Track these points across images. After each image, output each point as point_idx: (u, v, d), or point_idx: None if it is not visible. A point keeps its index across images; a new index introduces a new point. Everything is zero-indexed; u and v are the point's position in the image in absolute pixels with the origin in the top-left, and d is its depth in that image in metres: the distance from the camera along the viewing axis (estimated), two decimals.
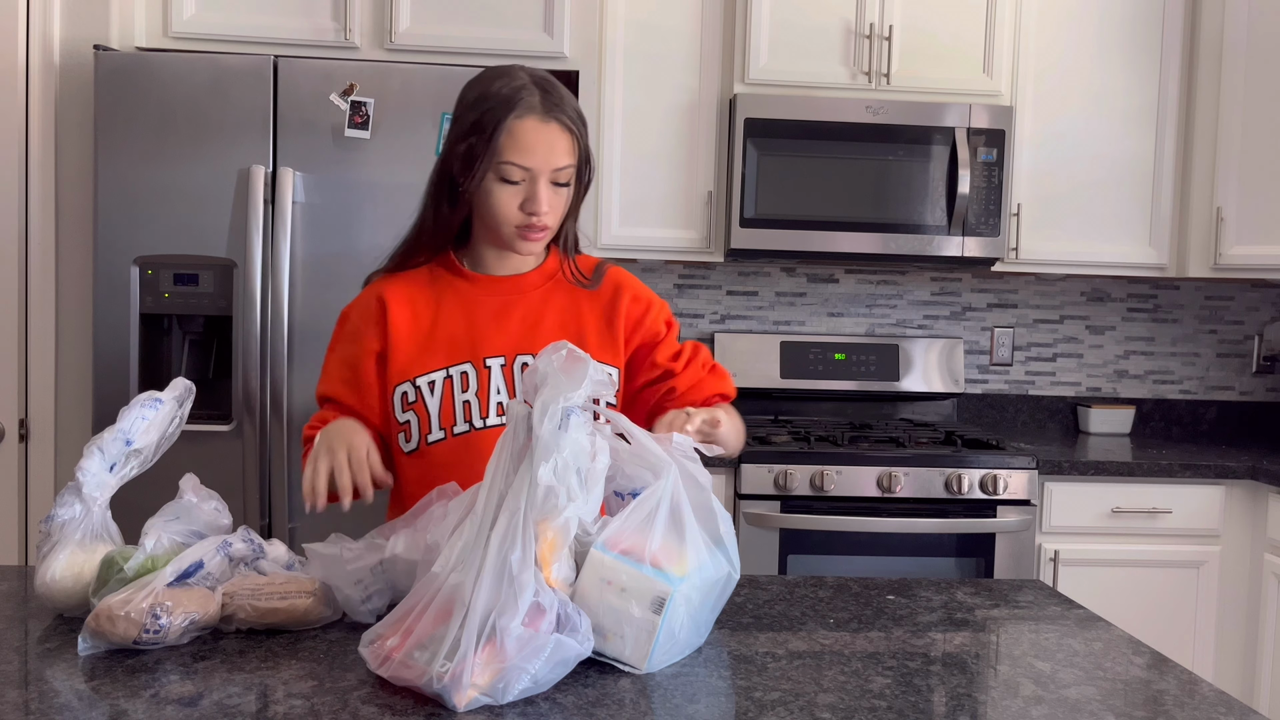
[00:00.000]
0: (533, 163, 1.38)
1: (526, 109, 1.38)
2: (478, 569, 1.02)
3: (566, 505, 1.07)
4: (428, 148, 2.49)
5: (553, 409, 1.07)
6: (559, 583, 1.10)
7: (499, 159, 1.38)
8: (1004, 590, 1.50)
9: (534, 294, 1.51)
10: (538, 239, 1.44)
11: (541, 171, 1.39)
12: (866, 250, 2.93)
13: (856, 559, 2.67)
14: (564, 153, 1.40)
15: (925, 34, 2.95)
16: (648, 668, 1.11)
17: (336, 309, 2.47)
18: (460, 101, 1.46)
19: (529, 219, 1.40)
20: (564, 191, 1.43)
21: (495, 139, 1.37)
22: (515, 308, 1.49)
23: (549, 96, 1.40)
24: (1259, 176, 2.95)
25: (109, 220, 2.46)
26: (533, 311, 1.49)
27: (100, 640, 1.12)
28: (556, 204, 1.43)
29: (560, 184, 1.42)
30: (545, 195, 1.40)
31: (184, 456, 1.61)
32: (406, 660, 1.02)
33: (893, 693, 1.09)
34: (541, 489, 1.05)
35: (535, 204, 1.39)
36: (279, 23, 2.71)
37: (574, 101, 1.44)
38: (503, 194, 1.40)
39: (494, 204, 1.41)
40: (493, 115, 1.38)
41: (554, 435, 1.07)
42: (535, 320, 1.49)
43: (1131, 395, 3.46)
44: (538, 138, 1.38)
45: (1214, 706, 1.07)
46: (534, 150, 1.38)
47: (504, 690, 1.01)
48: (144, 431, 1.28)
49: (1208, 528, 2.78)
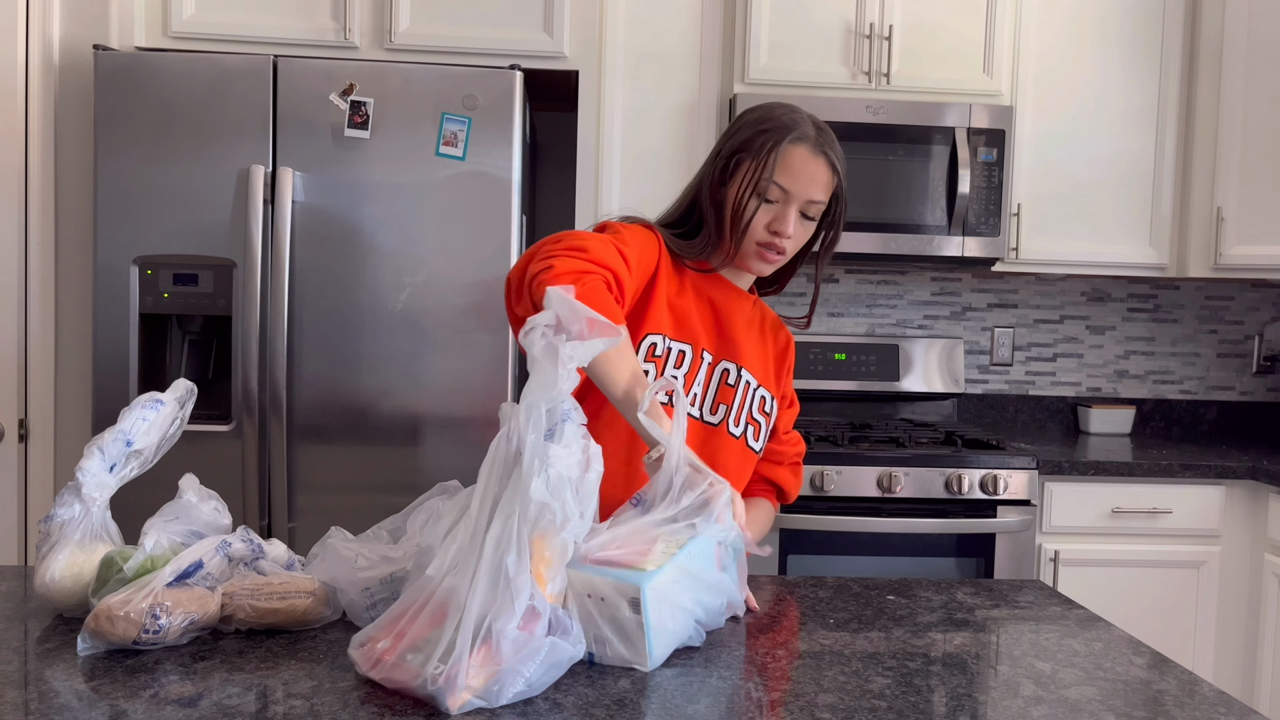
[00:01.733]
0: (794, 187, 1.46)
1: (801, 137, 1.47)
2: (473, 571, 1.02)
3: (564, 524, 1.06)
4: (428, 148, 2.49)
5: (536, 414, 1.06)
6: (555, 597, 1.09)
7: (767, 176, 1.46)
8: (1004, 590, 1.50)
9: (745, 316, 1.60)
10: (773, 260, 1.51)
11: (798, 198, 1.47)
12: (866, 250, 2.93)
13: (856, 559, 2.67)
14: (823, 187, 1.48)
15: (925, 34, 2.95)
16: (651, 663, 1.12)
17: (336, 309, 2.49)
18: (739, 119, 1.53)
19: (772, 238, 1.48)
20: (809, 226, 1.51)
21: (768, 157, 1.46)
22: (737, 317, 1.57)
23: (823, 134, 1.49)
24: (1259, 176, 2.95)
25: (109, 220, 2.46)
26: (744, 328, 1.58)
27: (100, 640, 1.12)
28: (800, 234, 1.51)
29: (809, 217, 1.50)
30: (794, 221, 1.47)
31: (184, 456, 1.62)
32: (399, 662, 1.02)
33: (893, 693, 1.09)
34: (534, 506, 1.04)
35: (784, 225, 1.47)
36: (279, 23, 2.71)
37: (840, 151, 1.51)
38: (758, 210, 1.48)
39: (745, 218, 1.48)
40: (770, 136, 1.47)
41: (542, 446, 1.05)
42: (745, 337, 1.57)
43: (1132, 395, 3.46)
44: (804, 166, 1.46)
45: (1214, 706, 1.07)
46: (798, 176, 1.46)
47: (498, 693, 1.00)
48: (145, 432, 1.28)
49: (1208, 528, 2.78)
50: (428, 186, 2.50)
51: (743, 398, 1.54)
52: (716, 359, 1.54)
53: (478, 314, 2.51)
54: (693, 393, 1.51)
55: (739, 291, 1.59)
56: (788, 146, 1.46)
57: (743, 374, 1.55)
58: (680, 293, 1.53)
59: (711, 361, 1.53)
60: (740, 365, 1.55)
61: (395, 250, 2.50)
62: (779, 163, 1.46)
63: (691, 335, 1.52)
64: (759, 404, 1.56)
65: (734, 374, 1.54)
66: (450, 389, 2.50)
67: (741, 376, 1.54)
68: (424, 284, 2.51)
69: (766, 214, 1.48)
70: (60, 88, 2.61)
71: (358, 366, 2.50)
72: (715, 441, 1.52)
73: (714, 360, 1.53)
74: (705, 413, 1.52)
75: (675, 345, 1.50)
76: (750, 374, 1.56)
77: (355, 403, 2.50)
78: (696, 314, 1.54)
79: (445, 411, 2.50)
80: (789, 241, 1.49)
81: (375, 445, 2.51)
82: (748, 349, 1.56)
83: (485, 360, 2.50)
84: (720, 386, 1.53)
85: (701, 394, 1.52)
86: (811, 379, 3.21)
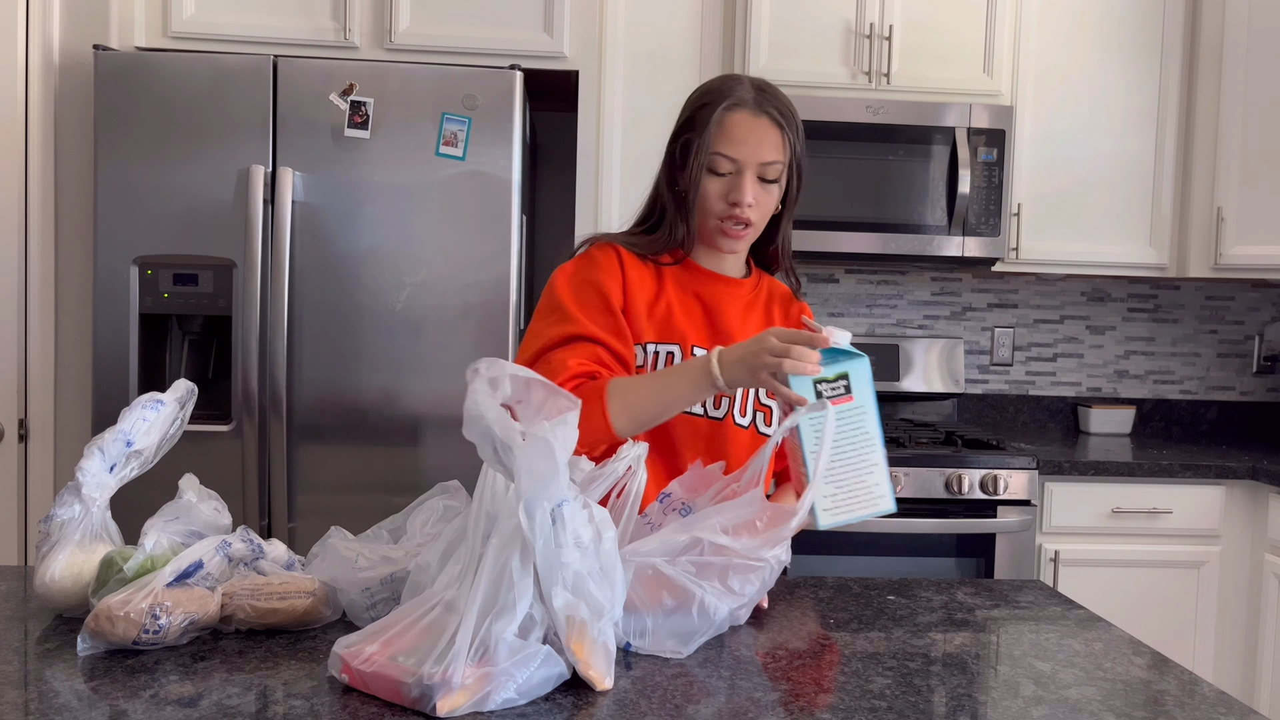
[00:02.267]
0: (740, 154, 1.43)
1: (738, 102, 1.44)
2: (474, 575, 1.02)
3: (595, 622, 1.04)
4: (428, 147, 2.49)
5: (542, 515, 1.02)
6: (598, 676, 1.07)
7: (710, 150, 1.43)
8: (1004, 590, 1.49)
9: (742, 300, 1.56)
10: (739, 235, 1.48)
11: (748, 164, 1.44)
12: (866, 250, 2.93)
13: (856, 559, 2.67)
14: (772, 147, 1.44)
15: (925, 34, 2.95)
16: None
17: (336, 309, 2.49)
18: (685, 103, 1.52)
19: (731, 209, 1.45)
20: (772, 189, 1.46)
21: (707, 130, 1.43)
22: (727, 307, 1.54)
23: (763, 93, 1.45)
24: (1259, 176, 2.94)
25: (109, 220, 2.46)
26: (739, 315, 1.54)
27: (100, 640, 1.12)
28: (763, 200, 1.46)
29: (768, 180, 1.45)
30: (750, 188, 1.44)
31: (184, 456, 1.62)
32: (389, 662, 1.01)
33: (893, 693, 1.09)
34: (561, 618, 1.03)
35: (740, 193, 1.44)
36: (279, 23, 2.71)
37: (789, 104, 1.47)
38: (710, 185, 1.46)
39: (702, 195, 1.46)
40: (708, 109, 1.45)
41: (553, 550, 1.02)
42: (740, 323, 1.54)
43: (1132, 395, 3.46)
44: (747, 130, 1.43)
45: (1214, 706, 1.07)
46: (742, 142, 1.43)
47: (486, 698, 0.99)
48: (145, 433, 1.27)
49: (1208, 528, 2.78)
50: (428, 186, 2.50)
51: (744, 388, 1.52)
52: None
53: (478, 314, 2.51)
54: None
55: (728, 280, 1.56)
56: (725, 115, 1.43)
57: None
58: (659, 296, 1.52)
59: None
60: None
61: (395, 250, 2.50)
62: (720, 132, 1.43)
63: (679, 334, 1.50)
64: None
65: None
66: (450, 389, 2.50)
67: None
68: (424, 284, 2.50)
69: (721, 187, 1.46)
70: (60, 88, 2.61)
71: (358, 366, 2.50)
72: (722, 435, 1.50)
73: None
74: (709, 408, 1.51)
75: (663, 349, 1.49)
76: None
77: (355, 403, 2.50)
78: (681, 312, 1.52)
79: (445, 411, 2.50)
80: (752, 210, 1.45)
81: (375, 445, 2.51)
82: (745, 336, 1.53)
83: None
84: None
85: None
86: None
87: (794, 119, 1.47)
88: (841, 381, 1.23)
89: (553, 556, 1.03)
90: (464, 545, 1.07)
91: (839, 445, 1.23)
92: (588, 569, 1.05)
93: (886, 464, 1.25)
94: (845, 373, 1.23)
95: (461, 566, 1.06)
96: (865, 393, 1.23)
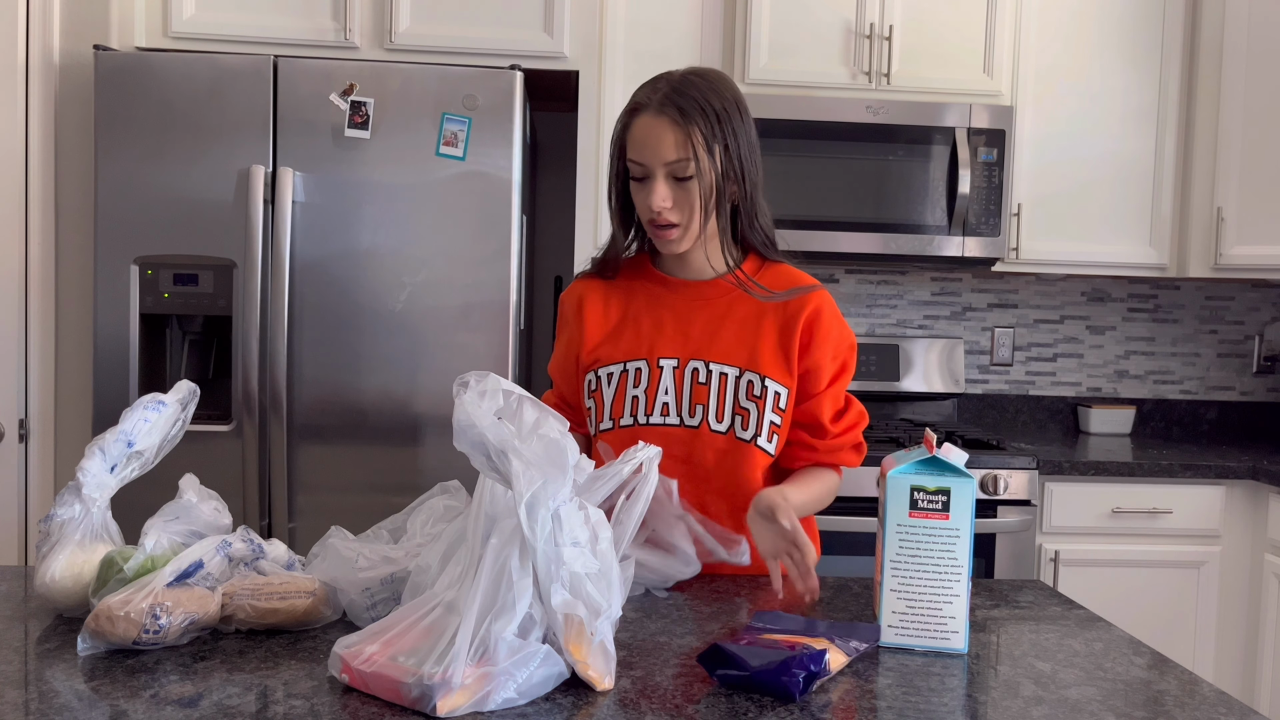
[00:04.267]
0: (643, 157, 1.45)
1: (640, 107, 1.46)
2: (474, 576, 1.02)
3: (593, 621, 1.04)
4: (428, 148, 2.49)
5: (543, 515, 1.02)
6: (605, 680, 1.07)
7: (624, 158, 1.48)
8: (1004, 590, 1.49)
9: (720, 301, 1.55)
10: (667, 236, 1.48)
11: (654, 166, 1.44)
12: (866, 250, 2.93)
13: (856, 559, 2.67)
14: (672, 146, 1.43)
15: (925, 34, 2.95)
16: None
17: (337, 309, 2.49)
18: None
19: (653, 214, 1.46)
20: (691, 186, 1.45)
21: (621, 140, 1.48)
22: (699, 313, 1.54)
23: (672, 91, 1.44)
24: (1259, 176, 2.95)
25: (109, 220, 2.46)
26: (715, 318, 1.54)
27: (100, 640, 1.12)
28: (682, 199, 1.46)
29: (682, 178, 1.44)
30: (661, 190, 1.44)
31: (184, 456, 1.62)
32: (390, 662, 1.01)
33: (893, 693, 1.09)
34: (560, 617, 1.03)
35: (650, 197, 1.45)
36: (279, 23, 2.71)
37: (706, 95, 1.44)
38: (635, 193, 1.49)
39: (635, 204, 1.50)
40: (621, 119, 1.48)
41: (553, 550, 1.02)
42: (715, 328, 1.53)
43: (1132, 395, 3.46)
44: (647, 134, 1.44)
45: (1214, 706, 1.07)
46: (645, 145, 1.44)
47: (486, 698, 0.99)
48: (146, 433, 1.27)
49: (1208, 528, 2.78)
50: (428, 186, 2.50)
51: (719, 391, 1.50)
52: (684, 362, 1.52)
53: (478, 314, 2.51)
54: (662, 402, 1.51)
55: (699, 285, 1.56)
56: (632, 121, 1.46)
57: (712, 368, 1.51)
58: (627, 315, 1.56)
59: (677, 366, 1.51)
60: (709, 360, 1.52)
61: (395, 250, 2.50)
62: (630, 139, 1.46)
63: (646, 349, 1.53)
64: (745, 390, 1.51)
65: (704, 371, 1.51)
66: (450, 389, 2.50)
67: (712, 371, 1.51)
68: (424, 284, 2.51)
69: (641, 192, 1.47)
70: (60, 88, 2.61)
71: (358, 366, 2.50)
72: (697, 443, 1.51)
73: (680, 364, 1.52)
74: (685, 417, 1.51)
75: (631, 365, 1.52)
76: (725, 364, 1.51)
77: (355, 403, 2.50)
78: (649, 326, 1.54)
79: (445, 412, 2.50)
80: (671, 213, 1.45)
81: (375, 445, 2.51)
82: (721, 340, 1.52)
83: (485, 360, 2.50)
84: (693, 386, 1.51)
85: (675, 400, 1.51)
86: None
87: (706, 111, 1.43)
88: (940, 497, 1.19)
89: (552, 557, 1.03)
90: (464, 546, 1.07)
91: (921, 564, 1.20)
92: (585, 569, 1.05)
93: (969, 600, 1.20)
94: (947, 489, 1.19)
95: (462, 568, 1.06)
96: (963, 517, 1.19)
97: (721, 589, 1.46)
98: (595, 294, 1.59)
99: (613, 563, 1.08)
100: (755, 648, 1.10)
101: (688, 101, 1.43)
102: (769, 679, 1.05)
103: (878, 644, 1.22)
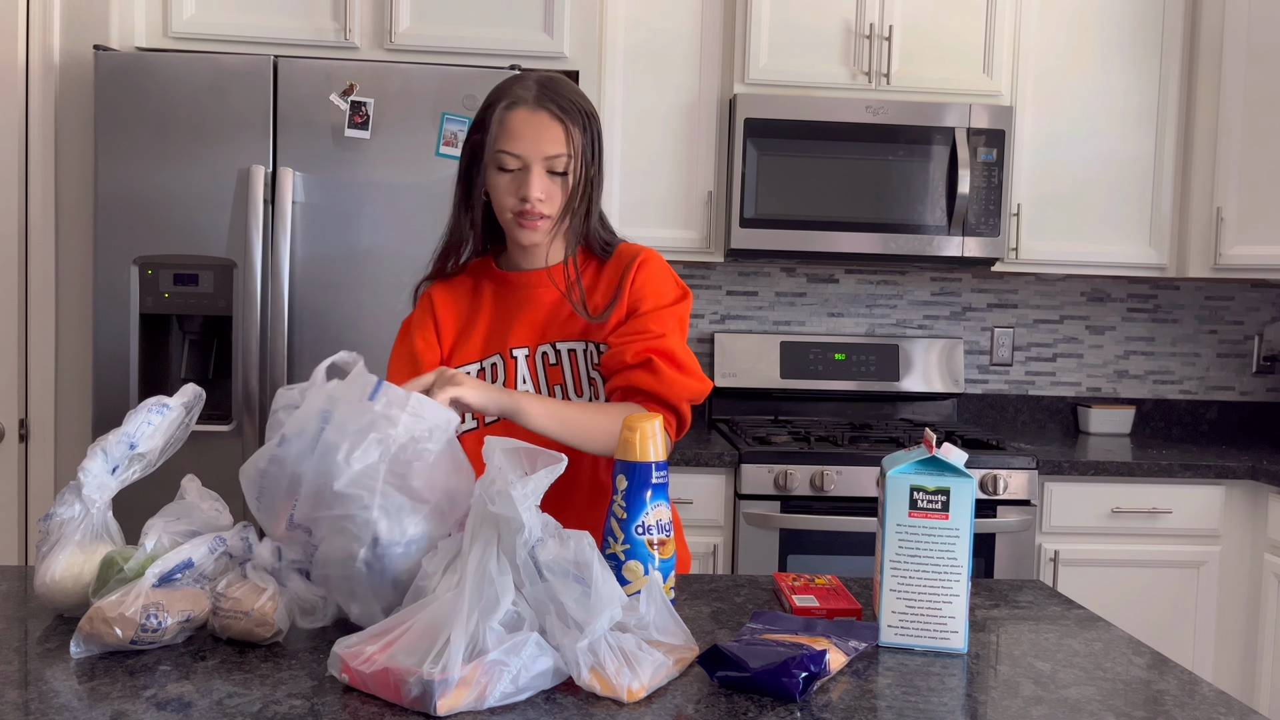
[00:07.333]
0: (522, 149, 1.47)
1: (518, 100, 1.48)
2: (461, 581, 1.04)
3: (581, 640, 1.06)
4: (428, 148, 2.49)
5: (524, 555, 1.06)
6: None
7: (495, 148, 1.48)
8: (1004, 590, 1.50)
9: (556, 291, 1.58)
10: (534, 226, 1.50)
11: (532, 158, 1.47)
12: (866, 250, 2.93)
13: (856, 559, 2.67)
14: (553, 141, 1.47)
15: (925, 34, 2.95)
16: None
17: (337, 309, 2.49)
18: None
19: (523, 205, 1.49)
20: (561, 181, 1.50)
21: (491, 130, 1.48)
22: (542, 299, 1.58)
23: (544, 90, 1.49)
24: (1259, 176, 2.95)
25: (109, 220, 2.46)
26: (557, 302, 1.58)
27: (94, 643, 1.12)
28: (554, 192, 1.50)
29: (557, 173, 1.49)
30: (538, 182, 1.47)
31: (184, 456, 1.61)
32: (388, 663, 1.02)
33: (892, 693, 1.09)
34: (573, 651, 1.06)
35: (526, 188, 1.47)
36: (279, 23, 2.71)
37: (575, 97, 1.51)
38: (500, 182, 1.50)
39: (494, 194, 1.51)
40: (490, 110, 1.49)
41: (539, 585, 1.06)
42: (556, 310, 1.57)
43: (1131, 395, 3.46)
44: (526, 126, 1.47)
45: (1214, 706, 1.07)
46: (522, 137, 1.47)
47: (484, 691, 0.99)
48: (149, 436, 1.27)
49: (1208, 528, 2.78)
50: (428, 186, 2.50)
51: (571, 368, 1.55)
52: (534, 350, 1.56)
53: None
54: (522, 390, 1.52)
55: (539, 275, 1.58)
56: (506, 113, 1.47)
57: (559, 348, 1.56)
58: (478, 313, 1.59)
59: (529, 354, 1.56)
60: (555, 342, 1.56)
61: (395, 250, 2.50)
62: (502, 131, 1.47)
63: (497, 345, 1.57)
64: (592, 362, 1.56)
65: (553, 354, 1.56)
66: None
67: (560, 351, 1.56)
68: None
69: (511, 183, 1.49)
70: (60, 88, 2.61)
71: None
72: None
73: (531, 352, 1.56)
74: None
75: (487, 362, 1.56)
76: (570, 343, 1.56)
77: None
78: (498, 323, 1.58)
79: None
80: (543, 203, 1.48)
81: None
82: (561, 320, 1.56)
83: None
84: (547, 370, 1.56)
85: (533, 386, 1.55)
86: (811, 379, 3.21)
87: (579, 111, 1.49)
88: (940, 497, 1.19)
89: (541, 593, 1.07)
90: (460, 556, 1.09)
91: (921, 564, 1.20)
92: (563, 595, 1.06)
93: (968, 600, 1.20)
94: (947, 488, 1.19)
95: (458, 575, 1.07)
96: (963, 517, 1.19)
97: (722, 589, 1.46)
98: (445, 299, 1.62)
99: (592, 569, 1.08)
100: (755, 648, 1.10)
101: (564, 100, 1.49)
102: (769, 680, 1.05)
103: (877, 644, 1.22)
